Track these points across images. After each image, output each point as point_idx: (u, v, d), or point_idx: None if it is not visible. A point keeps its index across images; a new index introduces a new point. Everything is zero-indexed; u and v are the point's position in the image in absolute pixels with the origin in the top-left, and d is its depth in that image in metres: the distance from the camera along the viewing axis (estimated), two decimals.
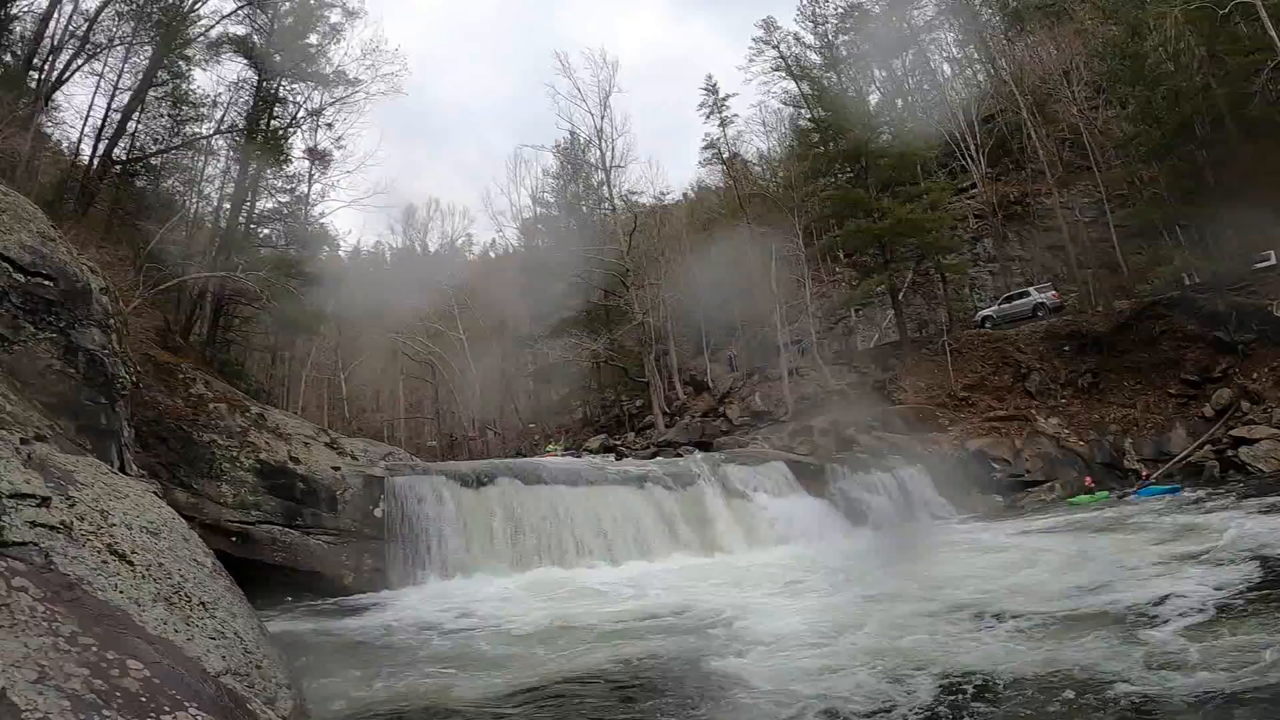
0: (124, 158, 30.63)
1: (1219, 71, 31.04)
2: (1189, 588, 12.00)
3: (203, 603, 4.92)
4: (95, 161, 29.18)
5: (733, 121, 55.61)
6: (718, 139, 54.38)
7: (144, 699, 3.12)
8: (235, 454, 20.33)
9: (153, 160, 32.50)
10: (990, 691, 8.46)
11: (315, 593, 19.03)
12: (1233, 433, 26.91)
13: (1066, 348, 33.23)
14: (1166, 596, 11.65)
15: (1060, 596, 12.53)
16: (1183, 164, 32.86)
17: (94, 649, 3.28)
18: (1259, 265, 31.90)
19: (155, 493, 6.93)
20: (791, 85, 50.82)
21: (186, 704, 3.23)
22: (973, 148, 44.70)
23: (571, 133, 54.03)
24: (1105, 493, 26.72)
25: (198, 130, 33.55)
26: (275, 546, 19.66)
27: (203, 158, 34.54)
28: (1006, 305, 39.25)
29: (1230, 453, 26.44)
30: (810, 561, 19.52)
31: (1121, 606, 11.45)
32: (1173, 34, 31.75)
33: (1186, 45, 31.89)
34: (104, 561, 4.44)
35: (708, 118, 53.90)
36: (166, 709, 3.12)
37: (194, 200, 35.25)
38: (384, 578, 19.84)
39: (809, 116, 46.60)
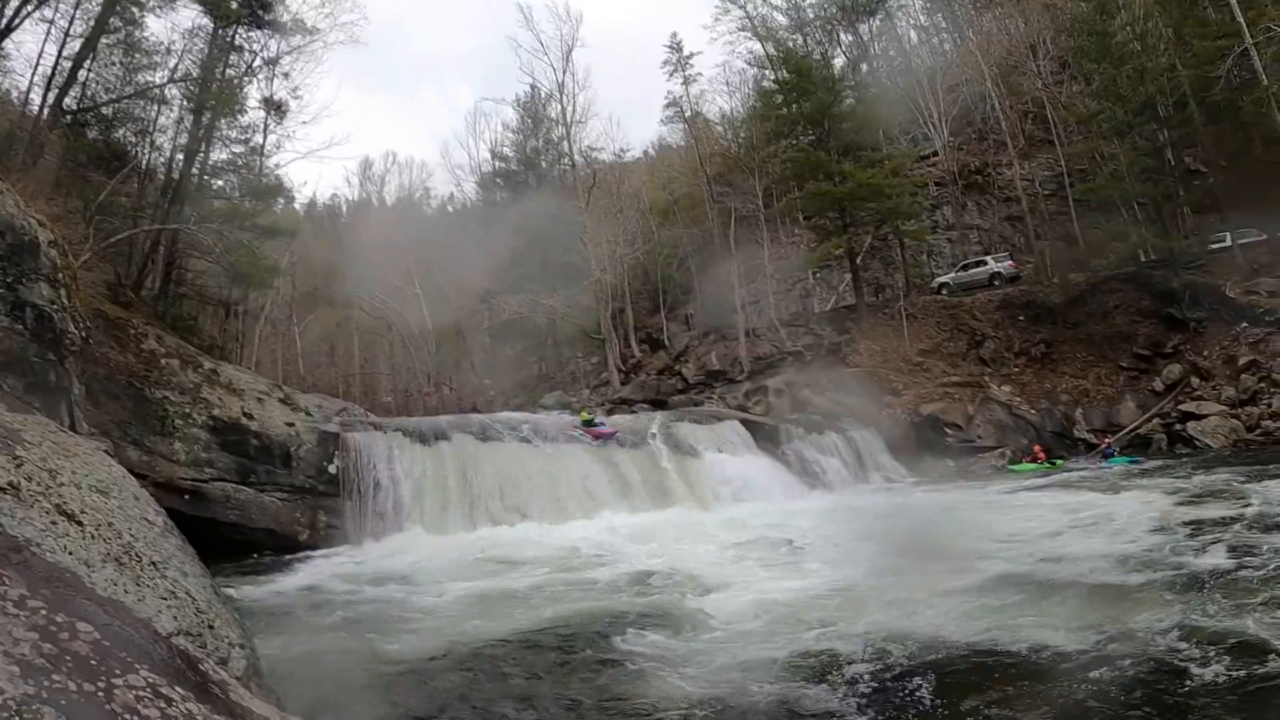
0: (75, 107, 29.67)
1: (1185, 54, 31.35)
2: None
3: (154, 562, 4.81)
4: (45, 111, 28.28)
5: (696, 80, 55.40)
6: (680, 97, 54.11)
7: (94, 662, 3.04)
8: (188, 411, 20.05)
9: (104, 110, 31.46)
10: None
11: (269, 550, 18.97)
12: (1182, 407, 27.40)
13: (1021, 317, 33.56)
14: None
15: None
16: (1144, 143, 33.22)
17: (43, 612, 3.18)
18: (1214, 246, 32.41)
19: (106, 451, 6.81)
20: (757, 46, 50.78)
21: (138, 666, 3.16)
22: (936, 116, 44.71)
23: (533, 87, 53.86)
24: (1060, 459, 27.14)
25: (151, 79, 32.40)
26: (229, 504, 19.50)
27: (156, 107, 33.34)
28: (963, 273, 39.51)
29: (1179, 427, 26.94)
30: (767, 520, 19.60)
31: None
32: (1141, 13, 32.09)
33: (1154, 25, 32.20)
34: (53, 522, 4.33)
35: (671, 75, 53.60)
36: (117, 672, 3.04)
37: (146, 151, 34.09)
38: (338, 534, 19.76)
39: (773, 78, 46.40)
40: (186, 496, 18.81)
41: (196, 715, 3.06)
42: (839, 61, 50.17)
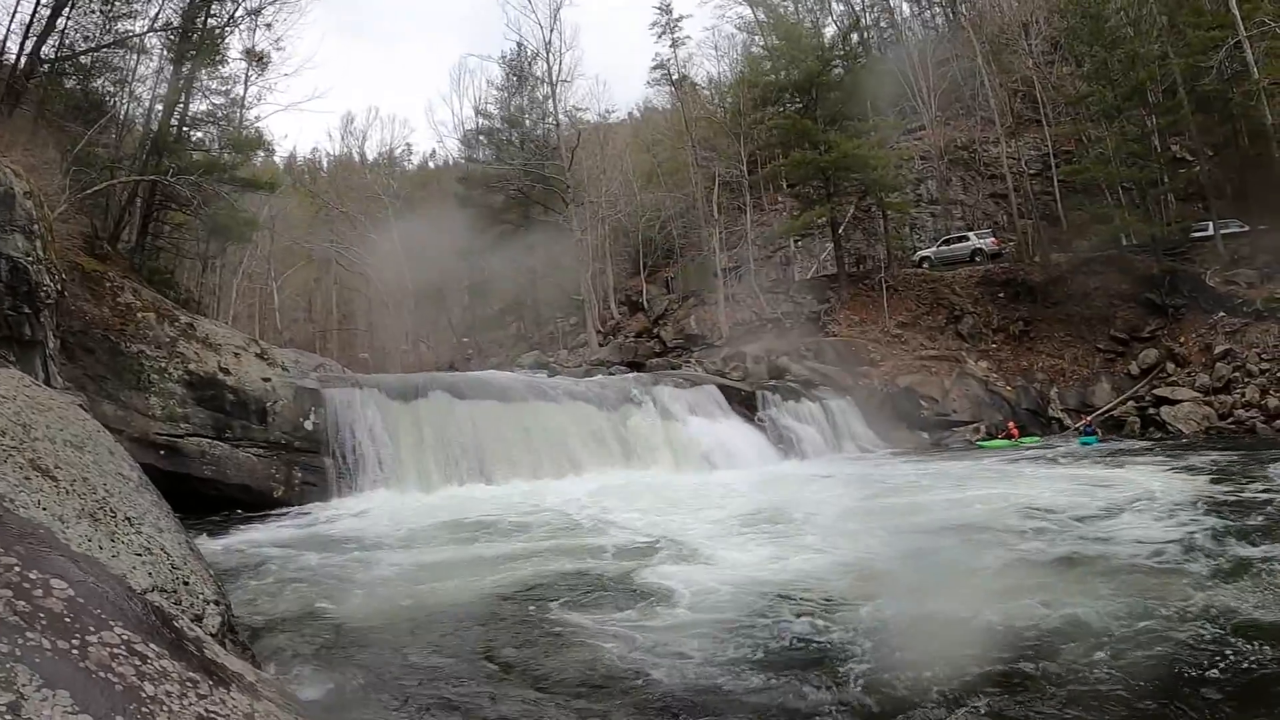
0: (53, 56, 29.12)
1: (1178, 42, 31.34)
2: None
3: (128, 518, 4.77)
4: (22, 60, 27.79)
5: (684, 43, 55.31)
6: (668, 60, 53.50)
7: (68, 619, 3.01)
8: (164, 365, 19.93)
9: (83, 59, 30.90)
10: None
11: (244, 506, 18.89)
12: (1156, 392, 27.59)
13: (1001, 294, 33.67)
14: None
15: None
16: (1132, 128, 33.29)
17: (16, 569, 3.14)
18: (1197, 234, 32.57)
19: (81, 405, 6.73)
20: (747, 11, 50.55)
21: (112, 623, 3.13)
22: (925, 90, 44.60)
23: (519, 44, 53.40)
24: (1034, 436, 27.44)
25: (131, 27, 31.79)
26: (204, 460, 19.43)
27: (135, 57, 32.80)
28: (945, 248, 39.57)
29: (1152, 411, 27.15)
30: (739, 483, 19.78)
31: None
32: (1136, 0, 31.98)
33: (1149, 12, 32.26)
34: (26, 478, 4.27)
35: (659, 37, 53.04)
36: (92, 629, 3.01)
37: (125, 101, 33.52)
38: (314, 491, 19.72)
39: (762, 44, 46.30)
40: (162, 452, 18.74)
41: (171, 672, 3.04)
42: (829, 30, 49.77)
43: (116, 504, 4.81)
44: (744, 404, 27.11)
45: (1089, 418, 27.78)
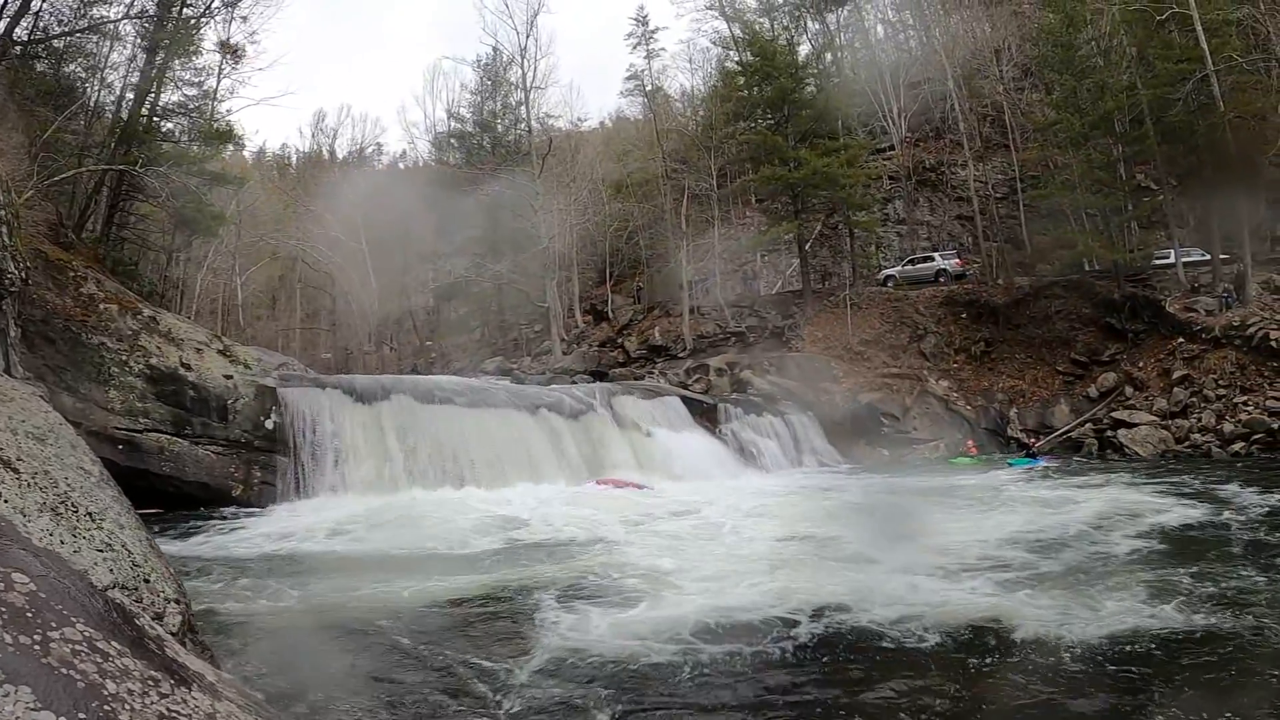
0: (25, 38, 28.76)
1: (1147, 74, 31.65)
2: None
3: (90, 513, 4.70)
4: None
5: (659, 55, 55.31)
6: (642, 71, 53.97)
7: (30, 614, 2.96)
8: (125, 358, 19.78)
9: (56, 43, 30.57)
10: None
11: (203, 504, 18.80)
12: (1114, 415, 27.90)
13: (964, 315, 33.94)
14: None
15: None
16: (1098, 155, 33.59)
17: None
18: (1158, 261, 33.09)
19: (41, 396, 6.61)
20: (723, 26, 50.60)
21: (74, 619, 3.08)
22: (895, 111, 44.90)
23: (495, 48, 53.06)
24: (987, 456, 27.72)
25: (105, 13, 31.46)
26: (163, 456, 19.27)
27: (109, 43, 32.47)
28: (910, 267, 39.81)
29: (1110, 433, 27.44)
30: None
31: None
32: (1107, 30, 32.52)
33: (1119, 43, 32.65)
34: None
35: (635, 48, 53.52)
36: (54, 624, 2.96)
37: (96, 88, 33.24)
38: (273, 491, 19.65)
39: (737, 59, 46.33)
40: (120, 447, 18.56)
41: (132, 670, 2.99)
42: (804, 49, 49.89)
43: (78, 499, 4.74)
44: (706, 416, 27.19)
45: (1034, 441, 28.04)
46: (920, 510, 17.01)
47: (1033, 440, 28.06)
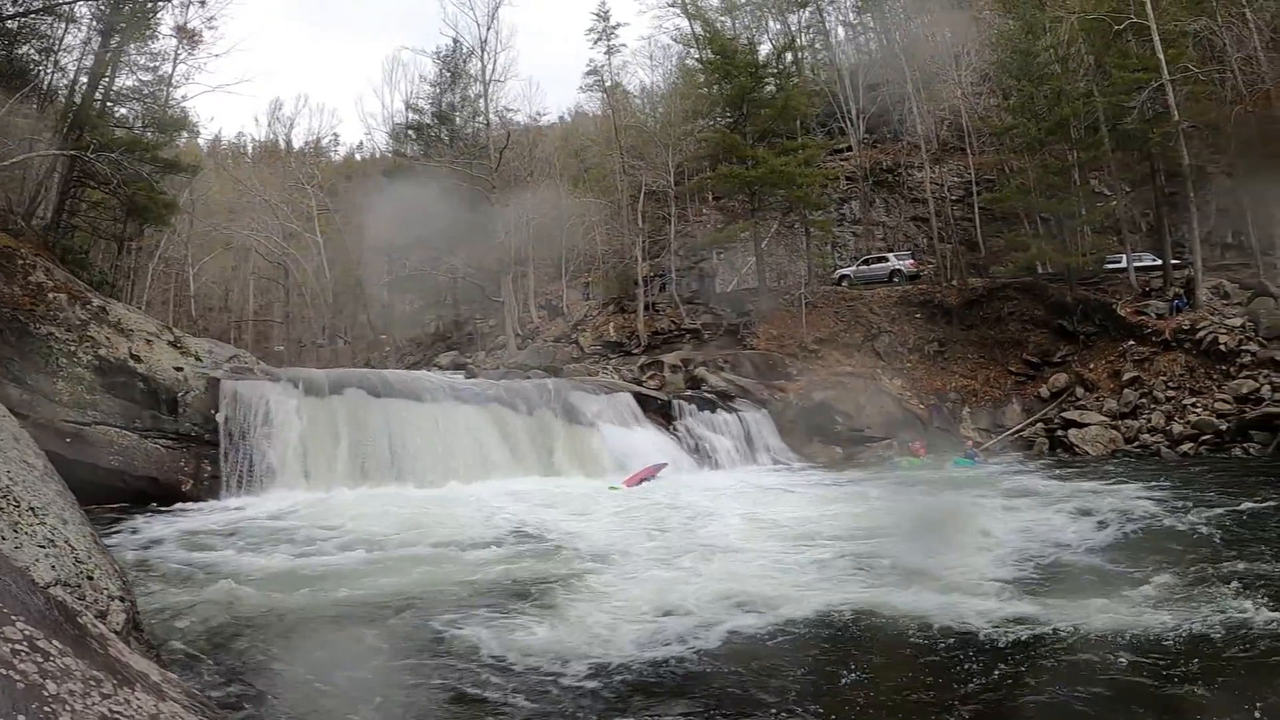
0: None
1: (1103, 82, 32.12)
2: None
3: (32, 508, 4.55)
4: None
5: (619, 51, 55.14)
6: (602, 66, 53.52)
7: None
8: (73, 349, 19.33)
9: (9, 23, 29.85)
10: None
11: (152, 499, 18.26)
12: (1065, 415, 28.21)
13: (918, 315, 34.15)
14: None
15: None
16: (1053, 160, 34.07)
17: None
18: (1110, 265, 33.70)
19: None
20: (684, 23, 50.68)
21: (14, 617, 2.92)
22: (854, 112, 45.27)
23: (455, 40, 52.78)
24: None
25: None
26: (111, 449, 18.81)
27: (63, 25, 31.79)
28: (865, 267, 40.11)
29: (1060, 433, 27.72)
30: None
31: None
32: (1066, 39, 32.98)
33: (1077, 51, 33.23)
34: None
35: (595, 44, 52.92)
36: None
37: (49, 71, 32.54)
38: (222, 486, 19.25)
39: (697, 57, 46.48)
40: (67, 439, 18.08)
41: (74, 670, 2.84)
42: (765, 48, 50.13)
43: (20, 493, 4.64)
44: (660, 413, 27.09)
45: (970, 441, 28.20)
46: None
47: (969, 441, 28.23)
